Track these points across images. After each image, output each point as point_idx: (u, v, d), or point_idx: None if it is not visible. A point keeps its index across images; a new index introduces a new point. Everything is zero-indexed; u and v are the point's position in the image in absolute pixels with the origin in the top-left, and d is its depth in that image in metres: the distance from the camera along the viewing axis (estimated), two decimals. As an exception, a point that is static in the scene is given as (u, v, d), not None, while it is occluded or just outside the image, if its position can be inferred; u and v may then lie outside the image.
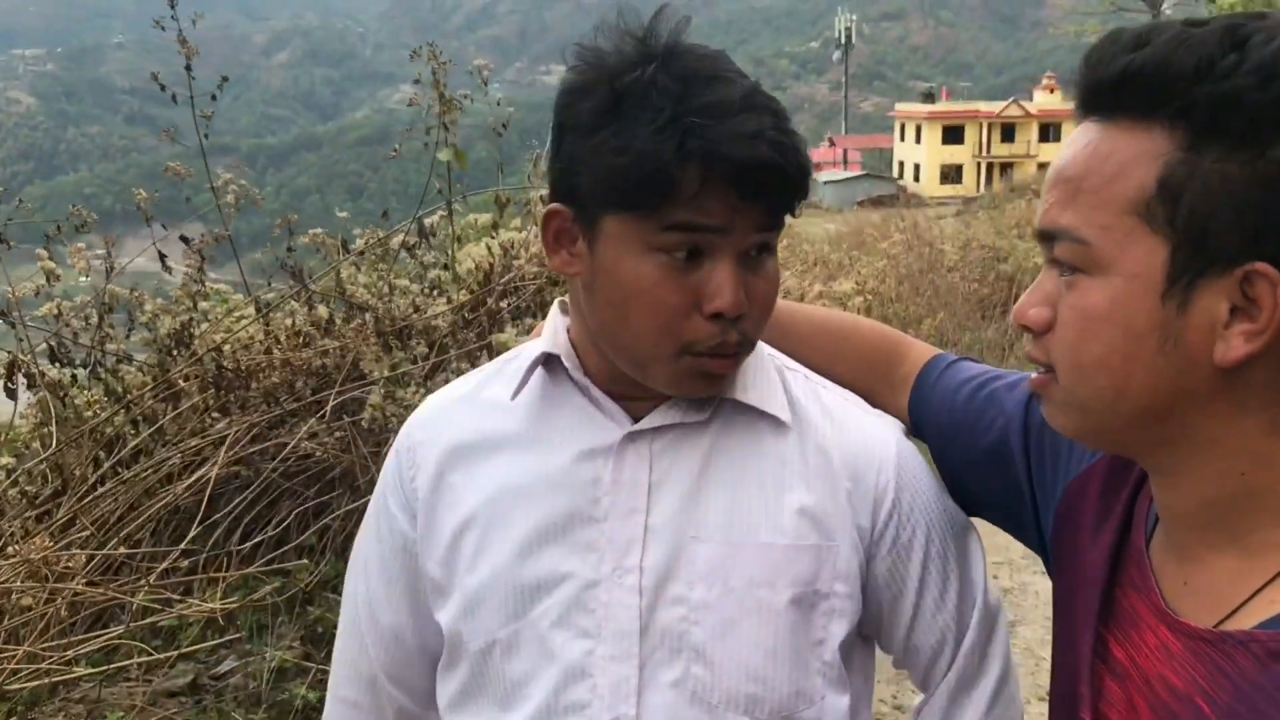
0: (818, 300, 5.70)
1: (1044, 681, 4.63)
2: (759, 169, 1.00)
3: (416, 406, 1.30)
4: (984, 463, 1.16)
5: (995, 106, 58.81)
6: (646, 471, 1.13)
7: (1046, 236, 0.88)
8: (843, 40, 77.24)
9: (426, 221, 3.88)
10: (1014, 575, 5.82)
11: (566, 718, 1.11)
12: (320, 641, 3.25)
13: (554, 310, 1.21)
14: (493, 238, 4.35)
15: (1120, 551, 0.97)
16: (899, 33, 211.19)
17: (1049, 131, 56.12)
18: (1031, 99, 59.71)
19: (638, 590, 1.10)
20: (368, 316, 3.78)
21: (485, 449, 1.18)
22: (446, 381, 3.62)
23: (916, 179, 57.63)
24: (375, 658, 1.28)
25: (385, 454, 3.58)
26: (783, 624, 1.11)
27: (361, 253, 3.82)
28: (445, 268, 4.19)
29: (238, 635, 3.03)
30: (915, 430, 1.25)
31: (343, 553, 3.42)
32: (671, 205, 1.01)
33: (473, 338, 3.85)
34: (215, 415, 3.72)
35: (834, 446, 1.16)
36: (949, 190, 52.85)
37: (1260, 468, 0.84)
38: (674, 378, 1.08)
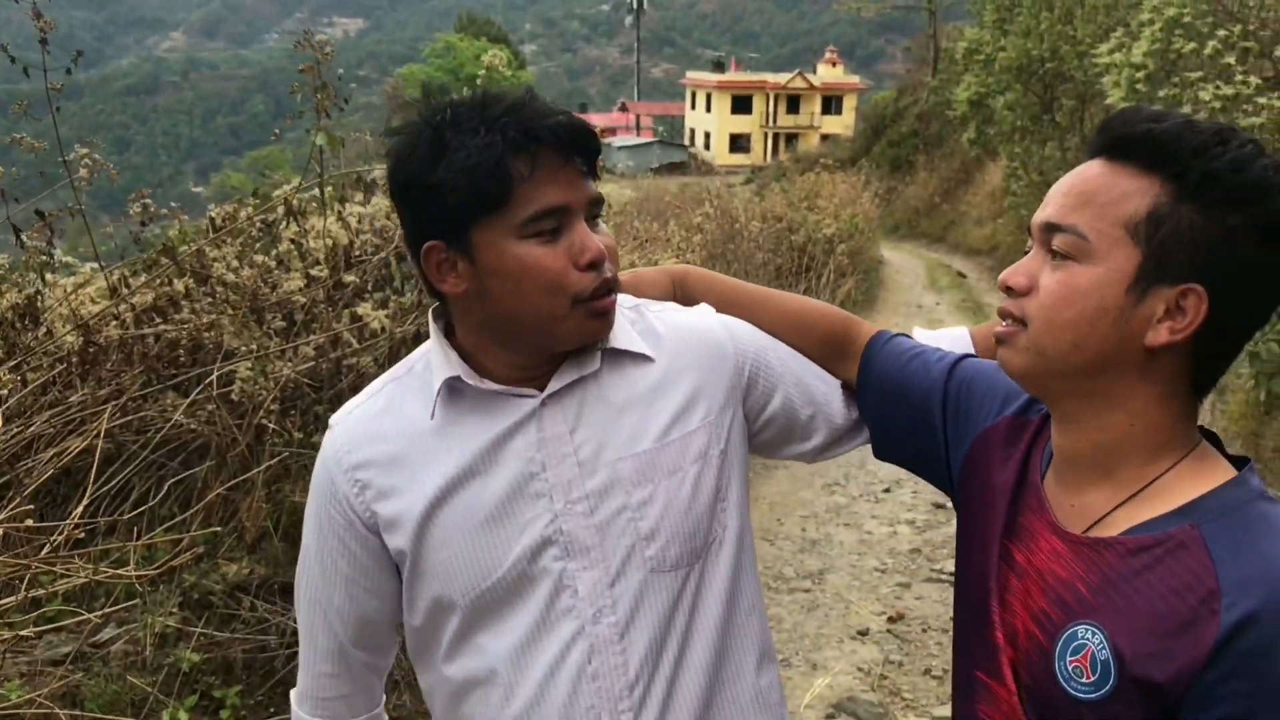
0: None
1: (854, 622, 5.10)
2: (567, 129, 1.31)
3: (283, 378, 1.56)
4: (911, 416, 1.51)
5: (781, 78, 60.52)
6: (565, 424, 1.43)
7: (1052, 228, 1.20)
8: (635, 5, 77.71)
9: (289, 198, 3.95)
10: (820, 528, 6.30)
11: (560, 623, 1.41)
12: (197, 606, 3.35)
13: (435, 332, 1.46)
14: (339, 213, 4.46)
15: (1020, 485, 1.33)
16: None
17: (831, 104, 58.24)
18: (815, 71, 61.76)
19: (589, 512, 1.42)
20: (224, 291, 3.84)
21: (424, 449, 1.43)
22: (308, 356, 3.75)
23: (707, 147, 58.88)
24: (342, 634, 1.53)
25: (250, 424, 3.67)
26: (697, 490, 1.47)
27: (219, 229, 3.87)
28: (295, 243, 4.27)
29: (117, 606, 3.10)
30: (857, 392, 1.59)
31: (208, 522, 3.51)
32: (517, 195, 1.30)
33: (329, 311, 3.96)
34: (65, 390, 3.73)
35: (683, 346, 1.51)
36: (738, 159, 54.29)
37: (1143, 424, 1.20)
38: (575, 328, 1.37)
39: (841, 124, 53.03)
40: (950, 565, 5.48)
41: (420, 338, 4.10)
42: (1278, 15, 12.07)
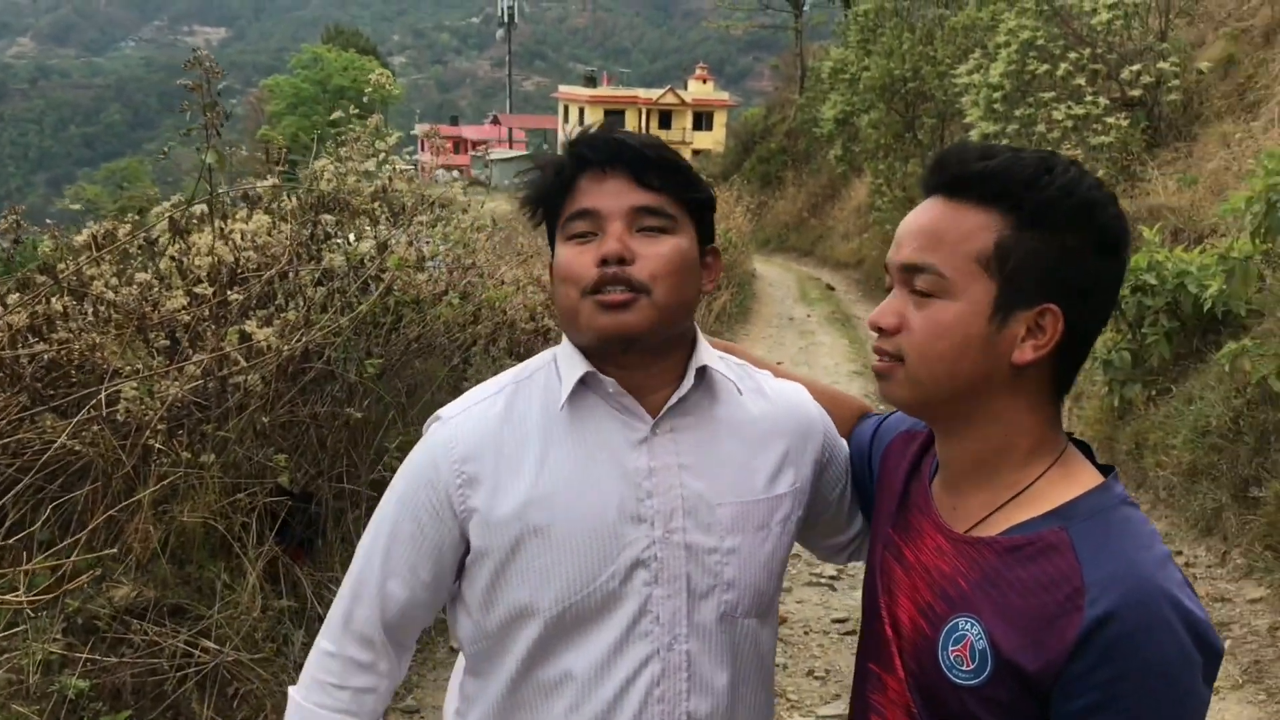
0: (529, 286, 6.05)
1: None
2: (605, 145, 1.49)
3: (170, 398, 1.63)
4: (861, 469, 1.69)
5: (653, 93, 61.04)
6: (674, 456, 1.52)
7: (912, 269, 1.31)
8: (506, 18, 77.49)
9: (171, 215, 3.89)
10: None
11: (637, 644, 1.49)
12: (83, 632, 3.28)
13: (568, 342, 1.57)
14: (222, 230, 4.41)
15: (909, 487, 1.47)
16: (559, 14, 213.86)
17: (702, 120, 58.94)
18: (686, 88, 62.48)
19: (683, 546, 1.51)
20: (106, 310, 3.77)
21: (540, 452, 1.51)
22: (194, 375, 3.71)
23: (580, 160, 58.89)
24: (383, 618, 1.57)
25: (136, 445, 3.60)
26: (776, 548, 1.59)
27: (101, 246, 3.80)
28: (176, 260, 4.21)
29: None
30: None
31: (91, 546, 3.44)
32: (565, 204, 1.50)
33: (214, 330, 3.92)
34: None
35: (780, 410, 1.63)
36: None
37: (1016, 433, 1.32)
38: (587, 319, 1.48)
39: (713, 140, 53.75)
40: (829, 570, 5.66)
41: (309, 354, 4.08)
42: (1123, 40, 12.72)
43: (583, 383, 1.52)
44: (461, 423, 1.55)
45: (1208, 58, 12.12)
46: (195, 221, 4.19)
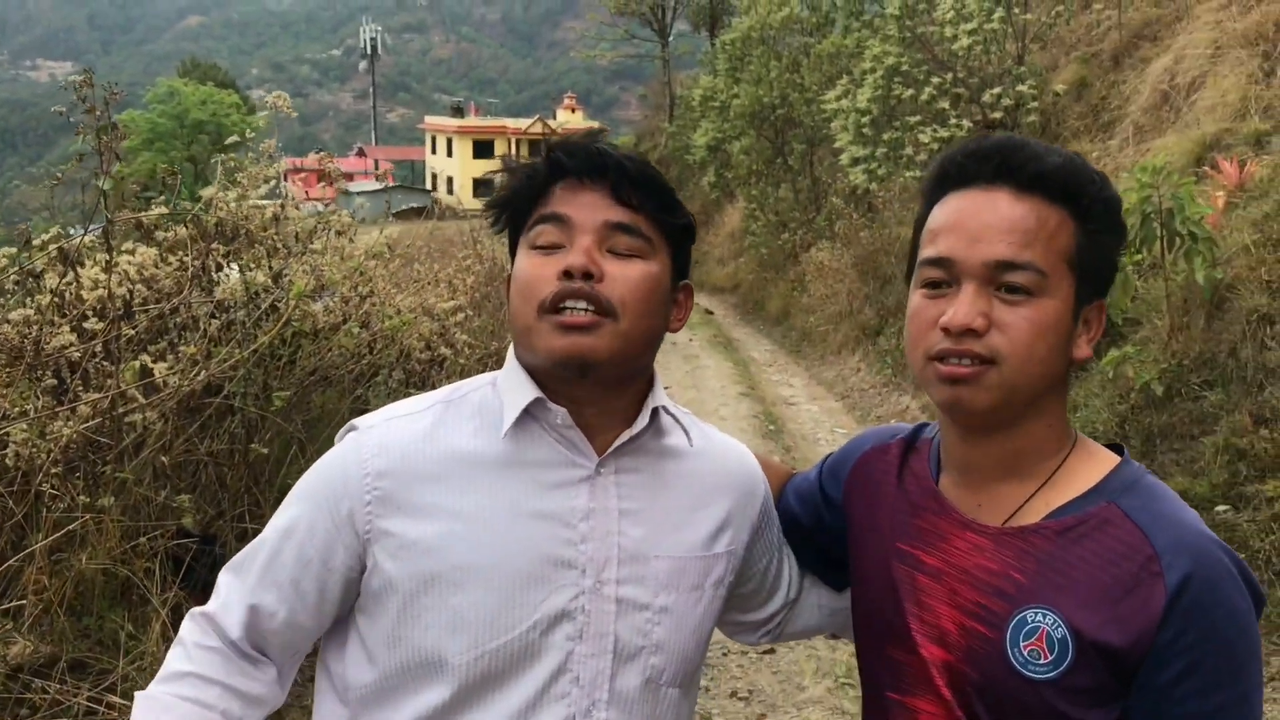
0: (413, 312, 5.92)
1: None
2: (585, 153, 1.37)
3: (64, 439, 1.46)
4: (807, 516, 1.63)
5: (522, 123, 61.04)
6: (614, 500, 1.39)
7: (1008, 266, 1.24)
8: (369, 50, 76.76)
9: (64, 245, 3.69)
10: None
11: (551, 706, 1.34)
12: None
13: (513, 362, 1.43)
14: (107, 263, 4.21)
15: (908, 496, 1.41)
16: (422, 45, 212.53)
17: (572, 148, 59.13)
18: (555, 117, 62.64)
19: (614, 600, 1.37)
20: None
21: (465, 478, 1.36)
22: (85, 415, 3.52)
23: (450, 191, 58.57)
24: (238, 626, 1.39)
25: (28, 492, 3.40)
26: (707, 613, 1.47)
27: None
28: (57, 295, 4.00)
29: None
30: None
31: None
32: (535, 207, 1.39)
33: (105, 366, 3.73)
34: None
35: (726, 466, 1.53)
36: (482, 203, 54.19)
37: (1053, 425, 1.31)
38: (544, 341, 1.34)
39: (583, 168, 53.95)
40: (739, 589, 5.67)
41: (210, 389, 3.91)
42: (983, 64, 13.20)
43: (528, 410, 1.38)
44: (381, 435, 1.40)
45: (1062, 81, 12.65)
46: (85, 252, 3.98)
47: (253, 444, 4.07)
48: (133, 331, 3.85)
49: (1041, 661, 1.23)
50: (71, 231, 3.99)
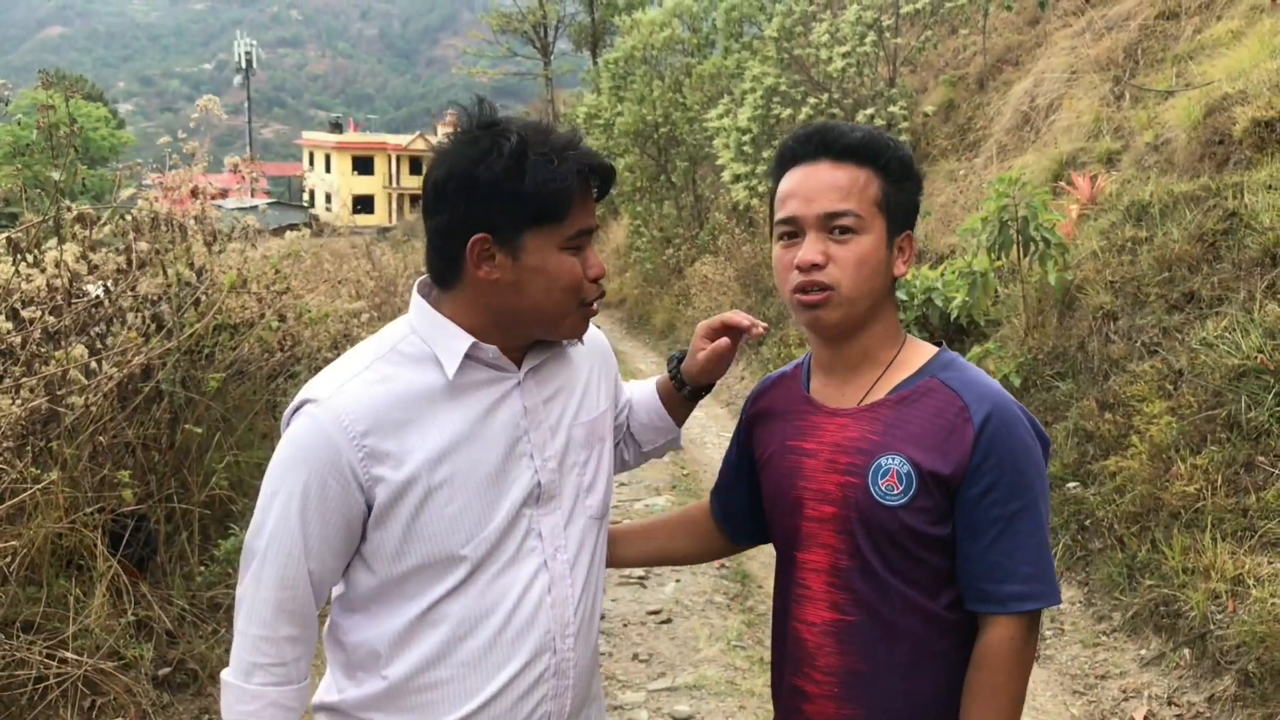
0: (332, 314, 6.15)
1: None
2: (609, 172, 1.70)
3: (13, 416, 1.70)
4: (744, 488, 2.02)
5: (402, 139, 60.69)
6: (540, 395, 1.76)
7: (835, 215, 1.69)
8: (244, 64, 75.26)
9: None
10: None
11: (525, 560, 1.71)
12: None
13: (430, 313, 1.69)
14: (33, 259, 4.36)
15: (788, 409, 1.85)
16: (297, 60, 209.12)
17: (453, 165, 58.83)
18: (436, 134, 62.31)
19: (557, 468, 1.75)
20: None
21: (430, 413, 1.64)
22: (28, 397, 3.70)
23: (329, 207, 57.83)
24: (315, 595, 1.67)
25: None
26: (609, 453, 1.89)
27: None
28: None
29: None
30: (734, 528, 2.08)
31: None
32: (571, 215, 1.65)
33: (38, 352, 3.90)
34: None
35: (590, 344, 1.90)
36: (363, 220, 53.74)
37: (889, 325, 1.77)
38: (574, 324, 1.74)
39: (465, 185, 53.81)
40: (637, 570, 6.02)
41: (149, 373, 4.11)
42: (856, 86, 13.87)
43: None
44: (347, 400, 1.61)
45: (931, 102, 13.38)
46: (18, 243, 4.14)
47: (185, 426, 4.27)
48: (66, 322, 4.01)
49: (895, 492, 1.68)
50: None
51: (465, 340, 1.66)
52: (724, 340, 1.93)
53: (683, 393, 2.03)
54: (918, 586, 1.70)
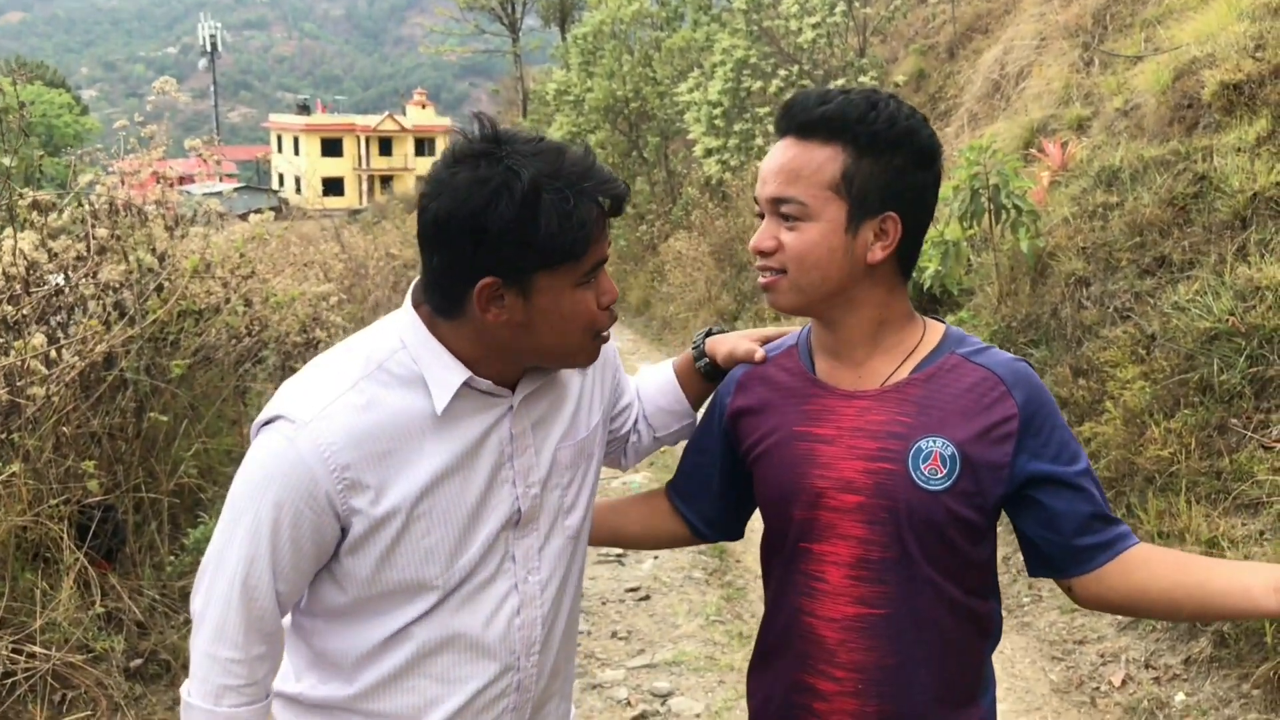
0: (300, 298, 6.07)
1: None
2: (623, 198, 1.55)
3: None
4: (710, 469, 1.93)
5: (371, 120, 60.21)
6: (529, 420, 1.66)
7: (779, 201, 1.60)
8: (209, 47, 74.40)
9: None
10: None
11: (497, 582, 1.65)
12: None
13: (426, 337, 1.58)
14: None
15: (789, 392, 1.75)
16: (263, 42, 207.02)
17: (424, 145, 58.59)
18: (405, 114, 61.95)
19: (540, 491, 1.68)
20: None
21: (415, 444, 1.56)
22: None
23: (298, 190, 57.38)
24: (278, 614, 1.61)
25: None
26: (598, 472, 1.82)
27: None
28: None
29: None
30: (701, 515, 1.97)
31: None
32: (589, 251, 1.52)
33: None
34: None
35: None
36: (333, 202, 53.34)
37: (884, 311, 1.67)
38: (588, 354, 1.63)
39: (436, 165, 53.49)
40: (616, 549, 6.00)
41: (111, 361, 4.04)
42: (826, 57, 13.83)
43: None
44: (329, 426, 1.52)
45: (902, 72, 13.36)
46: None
47: (151, 414, 4.20)
48: (25, 311, 3.94)
49: (939, 476, 1.60)
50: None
51: (460, 374, 1.57)
52: (763, 353, 1.83)
53: (700, 365, 1.96)
54: (949, 575, 1.64)
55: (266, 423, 1.55)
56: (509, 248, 1.47)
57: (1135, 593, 1.64)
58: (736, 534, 1.99)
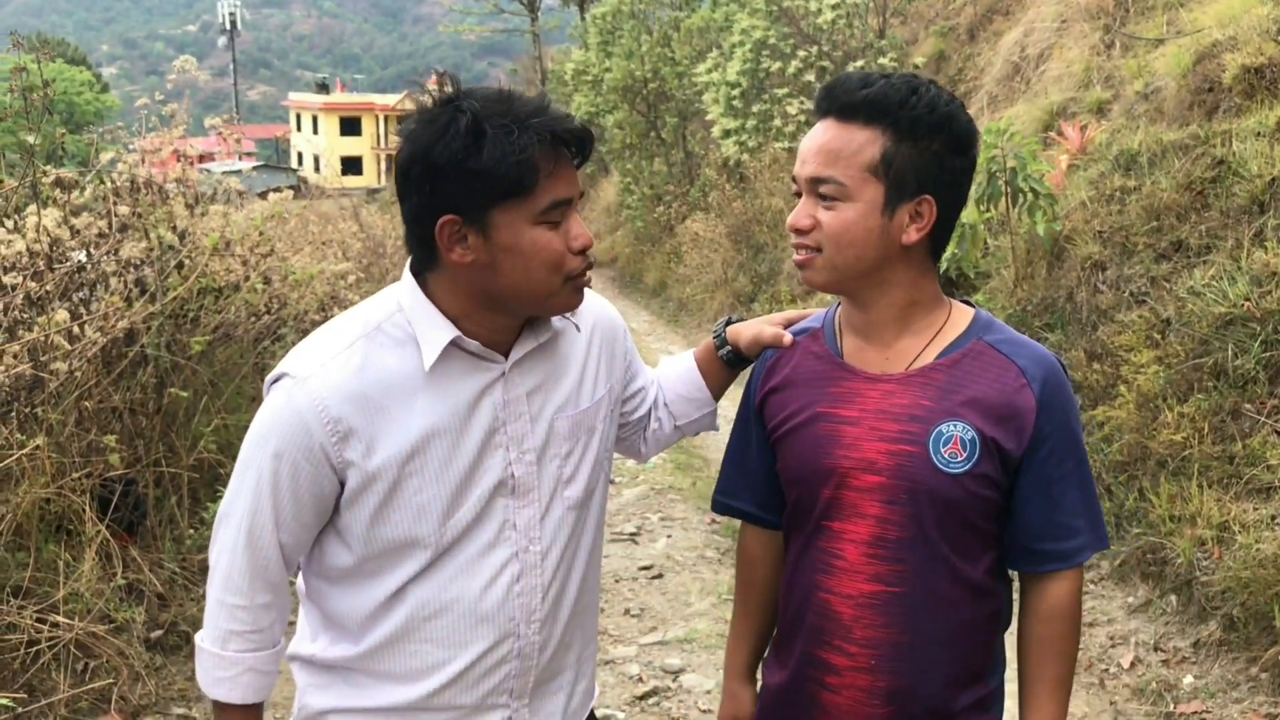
0: (318, 276, 6.12)
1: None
2: (581, 135, 1.59)
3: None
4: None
5: (390, 99, 60.13)
6: (524, 387, 1.70)
7: (818, 181, 1.64)
8: (228, 25, 74.49)
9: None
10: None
11: (498, 549, 1.69)
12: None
13: (418, 295, 1.64)
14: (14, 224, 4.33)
15: (815, 374, 1.78)
16: (282, 20, 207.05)
17: (442, 125, 58.38)
18: (424, 93, 61.76)
19: (535, 460, 1.71)
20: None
21: (407, 401, 1.61)
22: (10, 363, 3.69)
23: (317, 169, 57.48)
24: (285, 565, 1.69)
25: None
26: (602, 444, 1.84)
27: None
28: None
29: None
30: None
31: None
32: (540, 187, 1.55)
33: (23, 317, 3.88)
34: None
35: (596, 320, 1.86)
36: (351, 181, 53.38)
37: (915, 293, 1.71)
38: (564, 300, 1.65)
39: (454, 145, 53.41)
40: (629, 526, 6.06)
41: (132, 338, 4.10)
42: (846, 38, 13.77)
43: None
44: (324, 382, 1.59)
45: (921, 54, 13.29)
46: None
47: (172, 390, 4.26)
48: (48, 288, 3.99)
49: (959, 459, 1.65)
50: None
51: (448, 332, 1.63)
52: (790, 338, 1.86)
53: (722, 353, 1.98)
54: (964, 554, 1.69)
55: (274, 381, 1.65)
56: (458, 182, 1.53)
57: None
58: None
